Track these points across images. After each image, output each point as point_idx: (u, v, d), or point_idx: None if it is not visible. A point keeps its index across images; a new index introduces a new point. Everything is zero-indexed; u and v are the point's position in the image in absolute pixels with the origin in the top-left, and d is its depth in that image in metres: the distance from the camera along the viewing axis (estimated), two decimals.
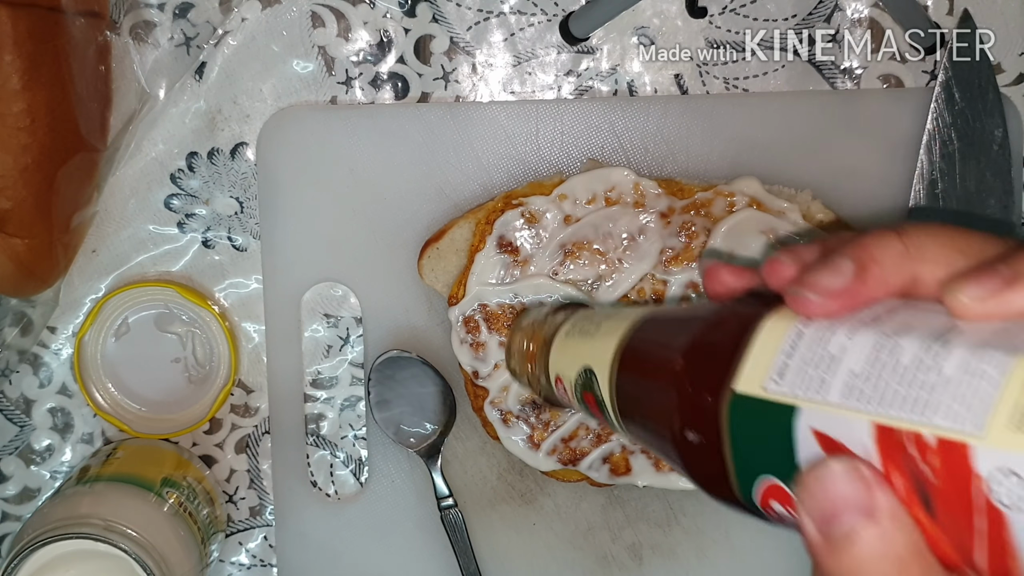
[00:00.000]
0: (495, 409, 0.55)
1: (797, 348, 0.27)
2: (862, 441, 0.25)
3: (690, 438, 0.30)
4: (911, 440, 0.24)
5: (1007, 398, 0.22)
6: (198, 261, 0.59)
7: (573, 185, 0.54)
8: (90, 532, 0.49)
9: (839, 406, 0.25)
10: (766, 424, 0.27)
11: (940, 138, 0.56)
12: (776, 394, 0.27)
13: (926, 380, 0.24)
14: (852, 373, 0.25)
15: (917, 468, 0.24)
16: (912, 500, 0.24)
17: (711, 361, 0.30)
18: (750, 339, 0.29)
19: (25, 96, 0.48)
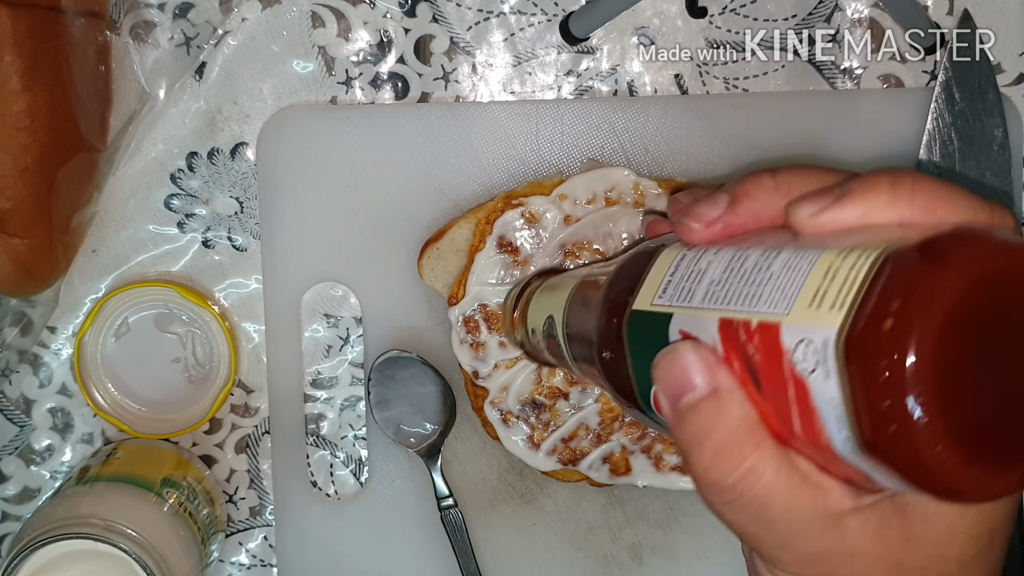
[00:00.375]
0: (495, 409, 0.55)
1: (678, 269, 0.32)
2: (711, 334, 0.29)
3: (605, 356, 0.35)
4: (743, 328, 0.28)
5: (810, 284, 0.26)
6: (198, 261, 0.59)
7: (573, 185, 0.54)
8: (90, 532, 0.49)
9: (698, 308, 0.30)
10: (651, 332, 0.32)
11: (940, 138, 0.56)
12: (659, 306, 0.32)
13: (759, 279, 0.28)
14: (711, 281, 0.30)
15: (746, 351, 0.27)
16: (746, 379, 0.28)
17: (620, 289, 0.35)
18: (649, 268, 0.34)
19: (25, 96, 0.48)
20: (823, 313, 0.25)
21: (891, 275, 0.24)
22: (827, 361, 0.24)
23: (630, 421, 0.55)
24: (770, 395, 0.27)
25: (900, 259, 0.24)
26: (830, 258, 0.26)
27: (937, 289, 0.23)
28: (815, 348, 0.25)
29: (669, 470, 0.55)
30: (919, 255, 0.24)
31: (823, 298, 0.25)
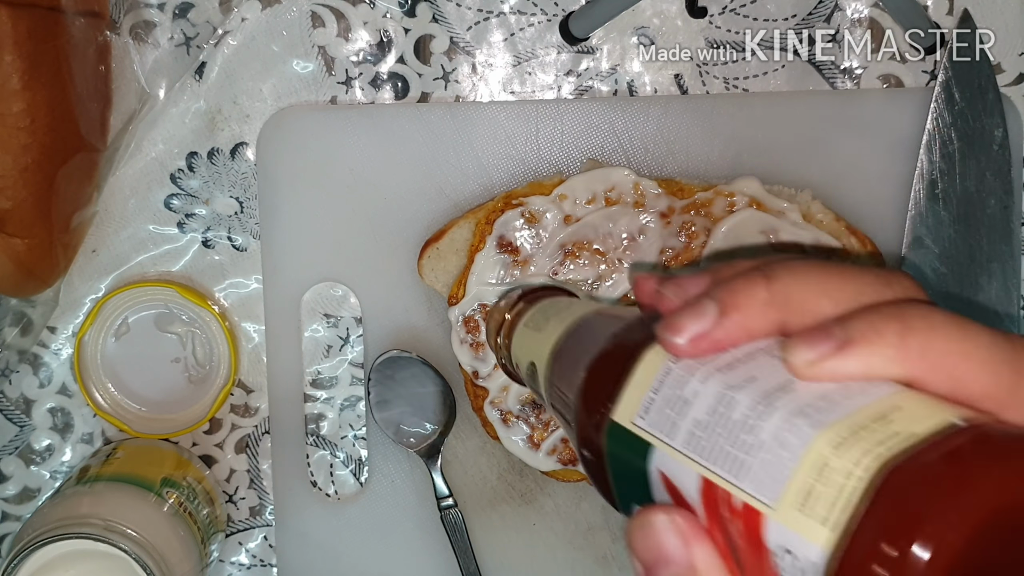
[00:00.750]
0: (495, 409, 0.55)
1: (663, 386, 0.28)
2: (692, 491, 0.26)
3: (585, 454, 0.31)
4: (724, 500, 0.25)
5: (799, 476, 0.23)
6: (198, 261, 0.59)
7: (573, 185, 0.54)
8: (90, 532, 0.49)
9: (681, 452, 0.26)
10: (631, 456, 0.28)
11: (940, 138, 0.56)
12: (640, 429, 0.28)
13: (746, 441, 0.24)
14: (695, 421, 0.26)
15: (728, 528, 0.25)
16: (727, 555, 0.25)
17: (602, 385, 0.30)
18: (634, 368, 0.29)
19: (25, 96, 0.48)
20: (812, 524, 0.22)
21: (891, 505, 0.21)
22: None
23: None
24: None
25: (902, 485, 0.21)
26: (824, 449, 0.23)
27: (947, 536, 0.20)
28: (801, 565, 0.22)
29: None
30: (926, 486, 0.21)
31: (813, 503, 0.22)
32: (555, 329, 0.38)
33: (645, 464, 0.28)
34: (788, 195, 0.54)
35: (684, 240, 0.54)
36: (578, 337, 0.36)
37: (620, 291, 0.54)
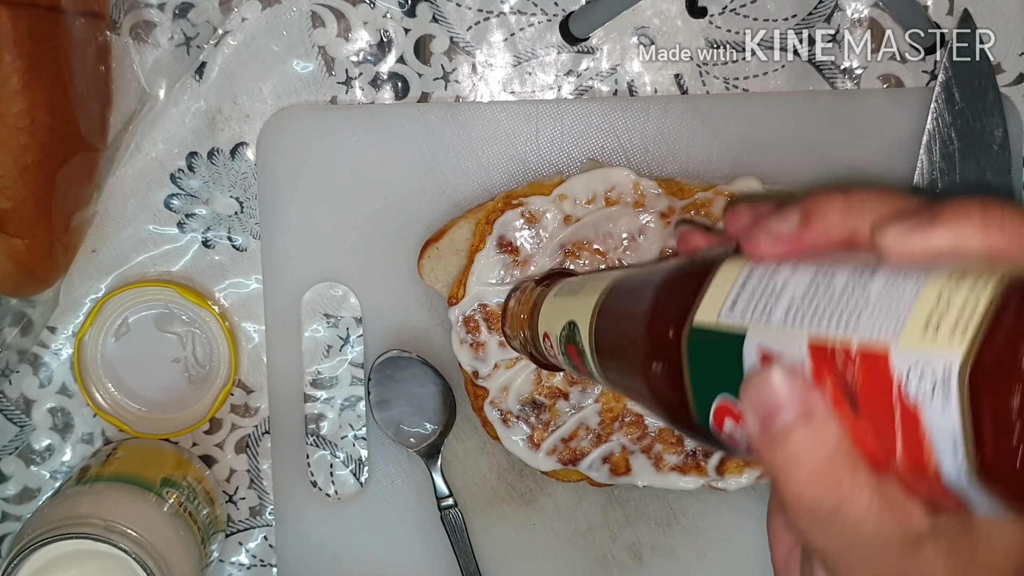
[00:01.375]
0: (495, 409, 0.55)
1: (747, 283, 0.31)
2: (799, 354, 0.28)
3: (655, 369, 0.34)
4: (840, 350, 0.27)
5: (920, 308, 0.25)
6: (198, 261, 0.59)
7: (573, 185, 0.54)
8: (90, 532, 0.49)
9: (780, 326, 0.29)
10: (719, 349, 0.31)
11: (940, 138, 0.56)
12: (728, 322, 0.31)
13: (853, 300, 0.27)
14: (792, 299, 0.29)
15: (844, 374, 0.27)
16: (840, 402, 0.27)
17: (674, 300, 0.33)
18: (710, 280, 0.32)
19: (25, 96, 0.48)
20: (942, 339, 0.24)
21: (1020, 307, 0.23)
22: (948, 387, 0.24)
23: (630, 421, 0.55)
24: (869, 419, 0.27)
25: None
26: (940, 282, 0.25)
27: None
28: (933, 374, 0.24)
29: (669, 470, 0.55)
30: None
31: (939, 324, 0.24)
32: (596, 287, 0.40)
33: (739, 349, 0.30)
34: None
35: None
36: (629, 283, 0.38)
37: None
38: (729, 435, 0.31)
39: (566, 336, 0.42)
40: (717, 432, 0.32)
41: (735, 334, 0.30)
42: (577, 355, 0.41)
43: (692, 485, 0.55)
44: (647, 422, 0.55)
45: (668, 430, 0.55)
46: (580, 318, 0.41)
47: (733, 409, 0.31)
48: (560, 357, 0.44)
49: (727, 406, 0.31)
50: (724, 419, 0.31)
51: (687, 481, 0.55)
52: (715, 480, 0.55)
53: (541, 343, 0.45)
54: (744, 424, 0.30)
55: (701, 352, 0.32)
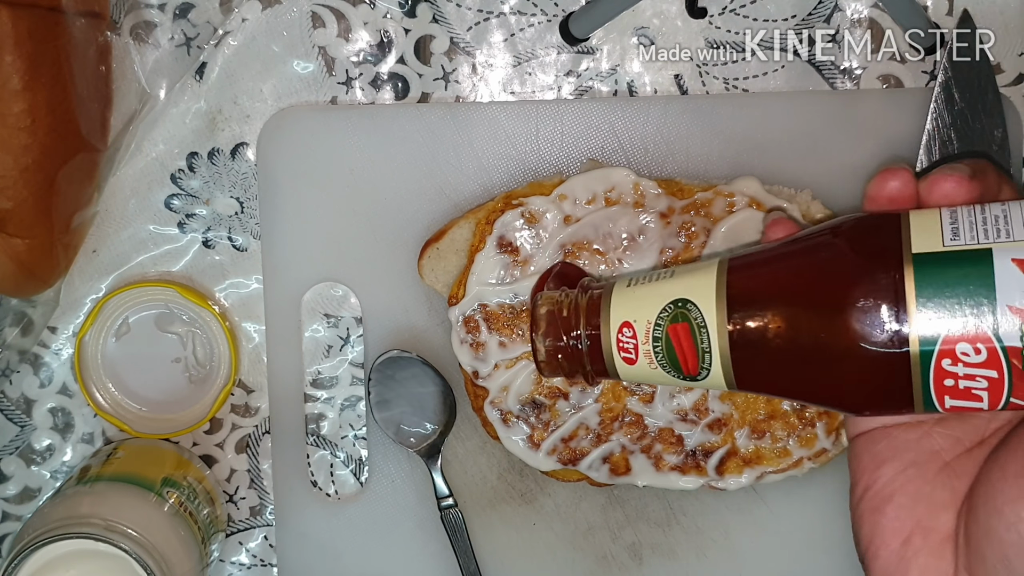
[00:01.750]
0: (495, 409, 0.55)
1: (959, 219, 0.36)
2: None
3: (865, 305, 0.36)
4: None
5: None
6: (198, 261, 0.59)
7: (573, 185, 0.54)
8: (90, 532, 0.49)
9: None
10: (959, 269, 0.34)
11: (940, 138, 0.56)
12: (961, 246, 0.35)
13: None
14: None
15: None
16: None
17: (875, 243, 0.37)
18: (902, 225, 0.36)
19: (26, 96, 0.48)
20: None
21: None
22: None
23: (630, 421, 0.55)
24: None
25: None
26: None
27: None
28: None
29: (669, 470, 0.55)
30: None
31: None
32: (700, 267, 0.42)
33: (990, 264, 0.34)
34: (788, 195, 0.55)
35: (684, 240, 0.54)
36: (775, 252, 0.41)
37: None
38: (950, 369, 0.34)
39: (670, 317, 0.42)
40: (935, 367, 0.35)
41: (976, 252, 0.34)
42: (688, 335, 0.41)
43: (692, 485, 0.55)
44: (647, 422, 0.55)
45: (668, 430, 0.55)
46: (696, 294, 0.41)
47: (976, 327, 0.34)
48: (644, 347, 0.43)
49: (966, 326, 0.34)
50: (957, 345, 0.34)
51: (687, 481, 0.55)
52: (715, 480, 0.55)
53: (612, 339, 0.44)
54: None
55: (934, 277, 0.35)
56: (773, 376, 0.40)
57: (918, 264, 0.35)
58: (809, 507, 0.58)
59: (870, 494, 0.40)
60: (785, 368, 0.39)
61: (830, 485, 0.57)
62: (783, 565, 0.59)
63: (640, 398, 0.54)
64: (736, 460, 0.55)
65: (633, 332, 0.43)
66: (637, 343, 0.43)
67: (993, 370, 0.34)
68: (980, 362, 0.34)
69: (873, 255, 0.36)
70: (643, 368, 0.43)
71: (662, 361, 0.42)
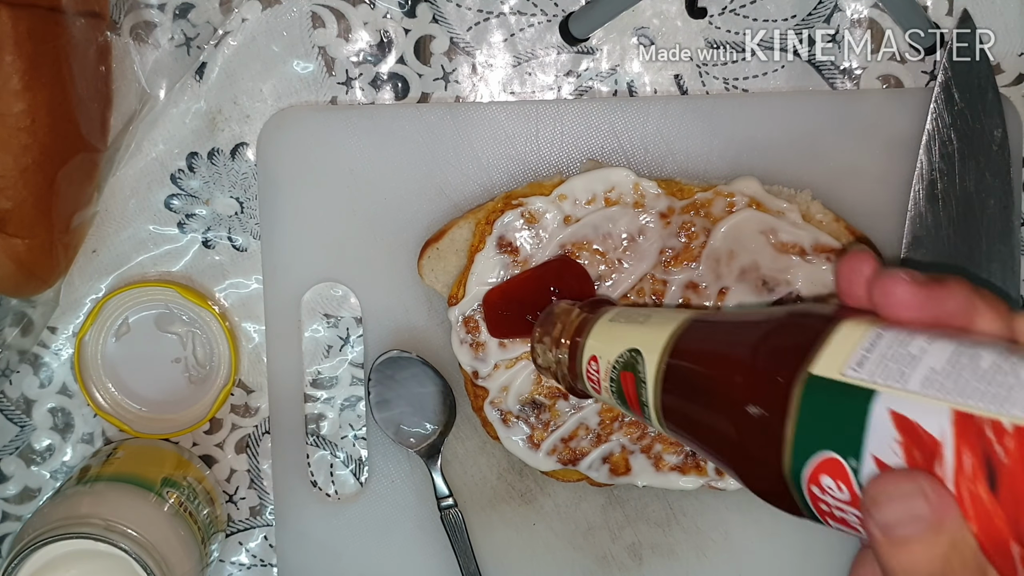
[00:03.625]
0: (495, 409, 0.55)
1: (876, 346, 0.32)
2: (939, 424, 0.29)
3: (752, 412, 0.34)
4: (989, 426, 0.28)
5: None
6: (198, 261, 0.59)
7: (573, 185, 0.54)
8: (90, 532, 0.49)
9: (920, 394, 0.30)
10: (840, 403, 0.31)
11: (940, 138, 0.56)
12: (855, 379, 0.31)
13: (1004, 381, 0.28)
14: (932, 369, 0.30)
15: (991, 449, 0.27)
16: (978, 477, 0.28)
17: (785, 348, 0.34)
18: (828, 335, 0.33)
19: (26, 96, 0.48)
20: None
21: None
22: None
23: (629, 421, 0.55)
24: (1009, 498, 0.27)
25: None
26: None
27: None
28: None
29: (669, 470, 0.55)
30: None
31: None
32: (668, 320, 0.41)
33: (865, 408, 0.31)
34: (788, 195, 0.55)
35: (684, 240, 0.54)
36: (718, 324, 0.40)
37: (620, 291, 0.54)
38: (819, 495, 0.32)
39: (623, 363, 0.42)
40: (807, 487, 0.32)
41: (862, 391, 0.31)
42: (633, 385, 0.41)
43: (692, 485, 0.55)
44: None
45: None
46: (647, 348, 0.41)
47: (840, 466, 0.31)
48: (604, 383, 0.44)
49: (833, 462, 0.31)
50: (821, 476, 0.32)
51: (687, 481, 0.55)
52: (715, 480, 0.55)
53: (582, 365, 0.45)
54: (863, 518, 0.30)
55: (816, 403, 0.32)
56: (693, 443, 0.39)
57: (808, 387, 0.33)
58: None
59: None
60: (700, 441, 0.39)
61: None
62: (783, 565, 0.59)
63: None
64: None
65: (597, 366, 0.44)
66: (599, 376, 0.44)
67: (857, 509, 0.32)
68: (845, 500, 0.32)
69: (776, 361, 0.34)
70: (605, 396, 0.44)
71: (616, 398, 0.43)
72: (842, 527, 0.33)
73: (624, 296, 0.54)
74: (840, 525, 0.33)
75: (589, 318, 0.46)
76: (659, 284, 0.54)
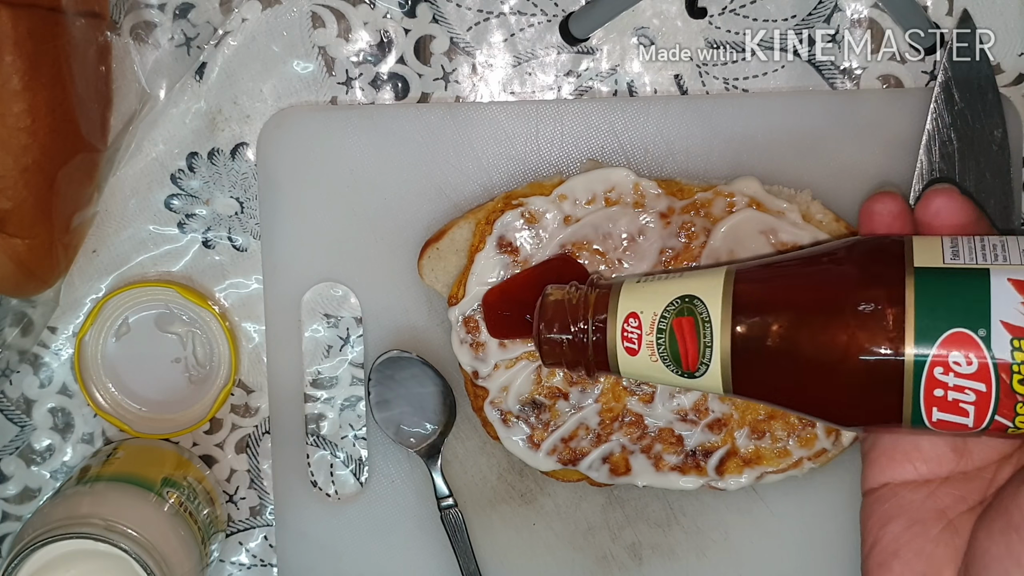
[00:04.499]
0: (495, 409, 0.55)
1: (958, 244, 0.38)
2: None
3: (865, 310, 0.37)
4: None
5: None
6: (198, 261, 0.59)
7: (573, 185, 0.54)
8: (90, 532, 0.49)
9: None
10: (958, 283, 0.36)
11: (940, 138, 0.56)
12: (963, 264, 0.37)
13: None
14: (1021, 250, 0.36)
15: None
16: None
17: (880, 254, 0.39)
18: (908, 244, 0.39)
19: (26, 96, 0.48)
20: None
21: None
22: None
23: (630, 421, 0.55)
24: None
25: None
26: None
27: None
28: None
29: (669, 470, 0.55)
30: None
31: None
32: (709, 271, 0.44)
33: (986, 283, 0.36)
34: (788, 195, 0.55)
35: (684, 240, 0.54)
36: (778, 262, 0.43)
37: None
38: (941, 377, 0.35)
39: (676, 310, 0.43)
40: (928, 373, 0.35)
41: (976, 269, 0.36)
42: (692, 329, 0.42)
43: (692, 485, 0.55)
44: (647, 422, 0.55)
45: (668, 430, 0.55)
46: (704, 291, 0.42)
47: (969, 339, 0.35)
48: (647, 338, 0.44)
49: (961, 336, 0.35)
50: (950, 353, 0.35)
51: (687, 481, 0.55)
52: (715, 480, 0.55)
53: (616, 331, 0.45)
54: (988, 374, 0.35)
55: (932, 288, 0.37)
56: (769, 379, 0.41)
57: (919, 276, 0.37)
58: (809, 507, 0.58)
59: (877, 550, 0.41)
60: (782, 372, 0.40)
61: (830, 485, 0.57)
62: (783, 565, 0.59)
63: (640, 398, 0.54)
64: (736, 460, 0.55)
65: (639, 323, 0.44)
66: (641, 333, 0.44)
67: (982, 383, 0.35)
68: (970, 373, 0.35)
69: (877, 265, 0.38)
70: (643, 361, 0.44)
71: (663, 353, 0.43)
72: (951, 416, 0.36)
73: None
74: (950, 414, 0.36)
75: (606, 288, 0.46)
76: None
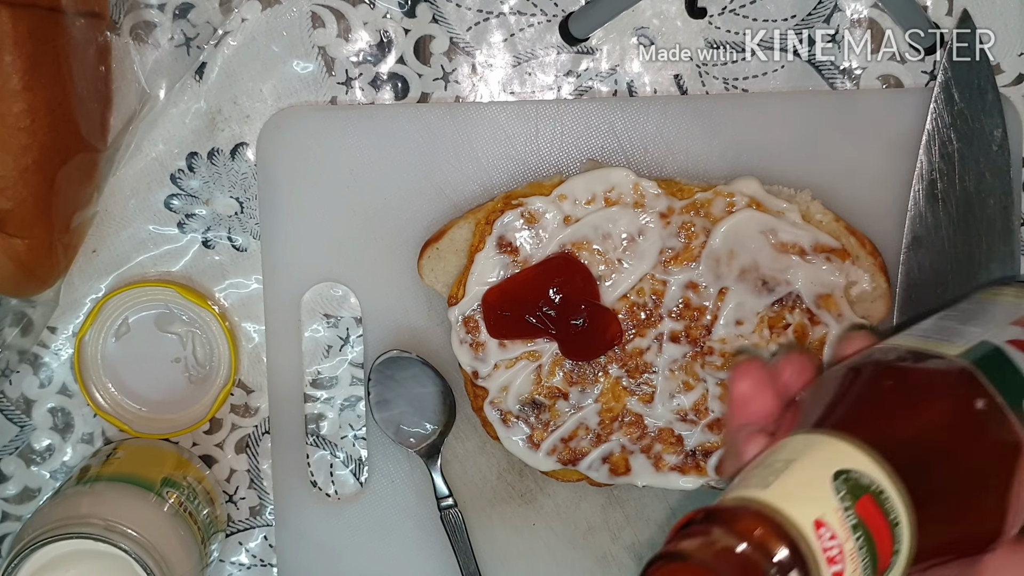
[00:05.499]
0: (495, 409, 0.55)
1: None
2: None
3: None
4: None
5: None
6: (198, 261, 0.59)
7: (573, 185, 0.54)
8: (90, 532, 0.49)
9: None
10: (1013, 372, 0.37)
11: (939, 138, 0.56)
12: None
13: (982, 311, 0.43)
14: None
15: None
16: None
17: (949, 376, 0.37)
18: None
19: (25, 96, 0.48)
20: None
21: None
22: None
23: (629, 421, 0.55)
24: None
25: None
26: None
27: None
28: None
29: (669, 470, 0.55)
30: None
31: None
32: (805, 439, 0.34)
33: None
34: (788, 195, 0.55)
35: (683, 240, 0.54)
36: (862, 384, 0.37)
37: (620, 291, 0.54)
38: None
39: (848, 493, 0.32)
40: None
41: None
42: (876, 507, 0.32)
43: (692, 485, 0.55)
44: (647, 422, 0.55)
45: (668, 430, 0.55)
46: (850, 457, 0.33)
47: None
48: (847, 544, 0.31)
49: None
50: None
51: (687, 481, 0.55)
52: (715, 480, 0.55)
53: (815, 547, 0.31)
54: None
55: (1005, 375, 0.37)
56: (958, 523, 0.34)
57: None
58: None
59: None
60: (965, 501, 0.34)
61: None
62: None
63: (640, 398, 0.54)
64: None
65: (831, 531, 0.31)
66: (841, 540, 0.31)
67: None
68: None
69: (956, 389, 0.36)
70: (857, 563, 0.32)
71: (865, 558, 0.32)
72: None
73: (624, 296, 0.54)
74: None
75: (733, 508, 0.35)
76: (659, 284, 0.54)
